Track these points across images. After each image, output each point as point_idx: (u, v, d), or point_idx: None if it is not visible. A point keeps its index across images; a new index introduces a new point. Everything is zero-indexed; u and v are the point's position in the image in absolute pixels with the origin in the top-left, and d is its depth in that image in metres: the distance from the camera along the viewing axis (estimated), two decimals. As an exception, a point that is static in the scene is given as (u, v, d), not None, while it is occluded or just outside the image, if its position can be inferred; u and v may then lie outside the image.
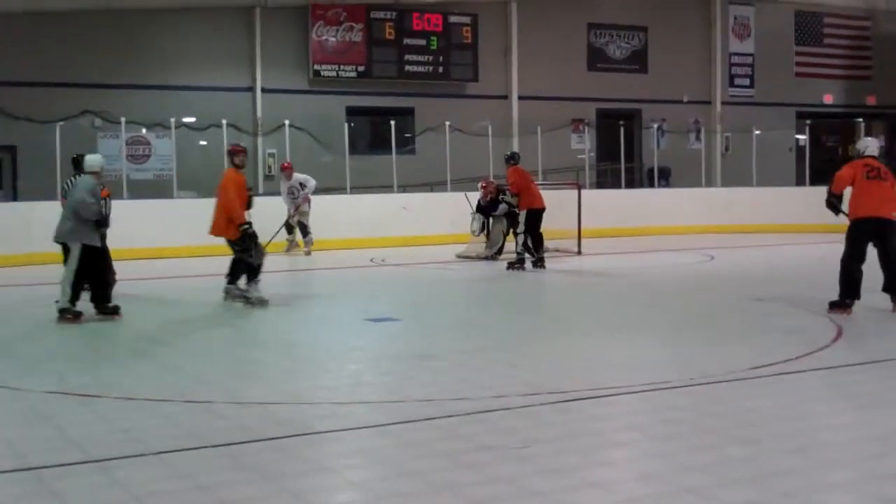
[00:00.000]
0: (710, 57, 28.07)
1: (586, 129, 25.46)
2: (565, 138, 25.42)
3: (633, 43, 27.15)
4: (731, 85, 28.45)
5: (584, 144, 25.16)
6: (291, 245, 18.55)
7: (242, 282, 11.52)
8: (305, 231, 18.42)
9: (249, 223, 11.32)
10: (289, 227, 18.17)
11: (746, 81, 28.63)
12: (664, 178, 25.70)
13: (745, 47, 28.62)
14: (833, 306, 10.11)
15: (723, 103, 28.04)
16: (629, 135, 24.82)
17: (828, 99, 29.77)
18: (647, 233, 22.20)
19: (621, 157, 23.80)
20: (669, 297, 12.62)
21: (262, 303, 11.25)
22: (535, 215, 15.24)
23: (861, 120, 26.08)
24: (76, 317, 10.15)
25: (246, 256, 11.35)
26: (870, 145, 10.59)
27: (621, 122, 24.40)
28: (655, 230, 22.31)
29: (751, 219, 22.79)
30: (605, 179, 25.60)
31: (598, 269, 15.83)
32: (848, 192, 10.28)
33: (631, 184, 25.00)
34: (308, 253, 18.20)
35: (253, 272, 11.37)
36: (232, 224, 11.28)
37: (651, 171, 25.45)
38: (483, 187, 17.03)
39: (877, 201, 10.01)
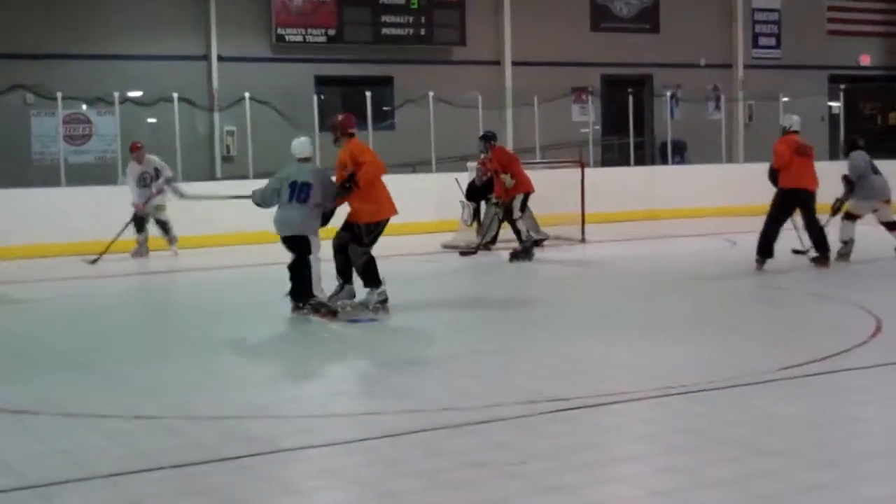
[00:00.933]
0: (730, 14, 28.11)
1: (590, 98, 25.48)
2: (566, 109, 25.44)
3: (642, -1, 27.20)
4: (755, 46, 28.50)
5: (587, 116, 25.17)
6: (141, 248, 16.97)
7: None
8: (166, 228, 17.12)
9: None
10: (139, 224, 16.91)
11: (772, 41, 28.68)
12: (679, 152, 25.73)
13: (771, 3, 28.66)
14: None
15: (745, 67, 28.09)
16: (639, 104, 24.84)
17: (865, 60, 29.83)
18: (660, 216, 22.24)
19: (630, 129, 23.81)
20: (685, 289, 12.67)
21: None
22: (526, 199, 15.39)
23: (903, 83, 26.18)
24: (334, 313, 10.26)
25: None
26: (794, 122, 14.10)
27: (630, 90, 24.38)
28: (669, 213, 22.34)
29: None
30: (612, 156, 25.65)
31: (605, 258, 15.87)
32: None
33: (641, 160, 25.04)
34: (175, 254, 17.05)
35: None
36: None
37: (664, 145, 25.47)
38: (482, 164, 16.96)
39: (804, 176, 13.35)
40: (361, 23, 23.58)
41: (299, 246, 10.38)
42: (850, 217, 14.26)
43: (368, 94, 21.31)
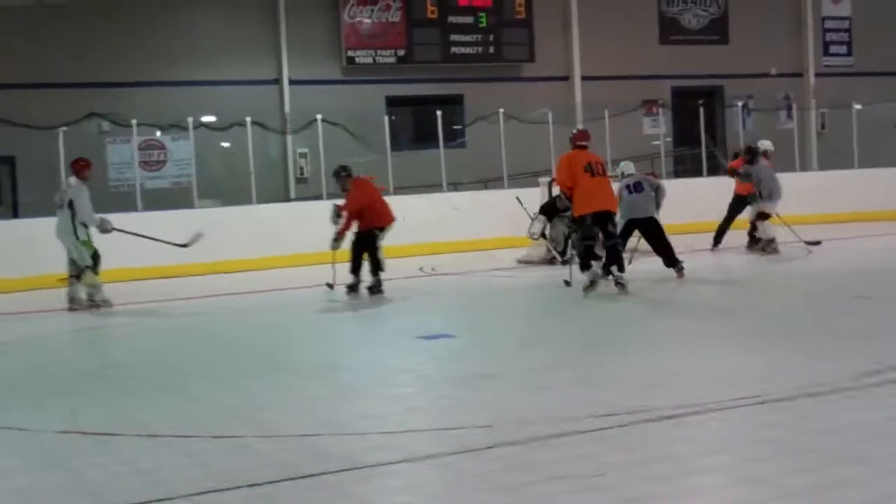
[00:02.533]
0: (800, 22, 27.84)
1: (661, 110, 25.34)
2: (637, 122, 25.31)
3: (711, 10, 27.04)
4: (826, 53, 28.19)
5: (658, 128, 25.03)
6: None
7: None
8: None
9: None
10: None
11: (843, 49, 28.36)
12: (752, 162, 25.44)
13: (841, 10, 28.36)
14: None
15: (817, 75, 27.78)
16: (710, 115, 24.64)
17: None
18: (735, 226, 21.96)
19: (702, 140, 23.64)
20: (761, 298, 12.54)
21: None
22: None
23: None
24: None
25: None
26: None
27: (700, 102, 24.21)
28: (744, 223, 22.05)
29: (855, 206, 22.48)
30: (684, 167, 25.45)
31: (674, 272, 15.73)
32: None
33: (714, 171, 24.78)
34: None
35: None
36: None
37: (737, 155, 25.22)
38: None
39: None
40: (431, 43, 23.67)
41: None
42: (764, 216, 16.92)
43: (439, 112, 21.37)
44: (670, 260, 14.34)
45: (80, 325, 13.21)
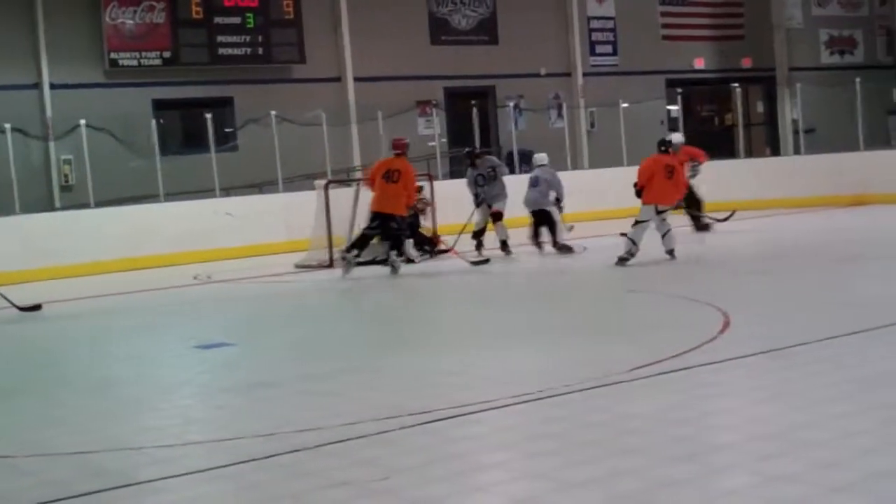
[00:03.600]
0: (567, 23, 28.61)
1: (434, 111, 25.66)
2: (411, 123, 25.54)
3: (480, 11, 27.50)
4: (593, 53, 29.07)
5: (432, 129, 25.34)
6: None
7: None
8: None
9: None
10: None
11: (609, 49, 29.32)
12: (526, 162, 26.04)
13: (606, 10, 29.29)
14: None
15: (584, 74, 28.63)
16: (483, 115, 25.08)
17: (699, 63, 30.71)
18: (511, 224, 22.40)
19: (475, 141, 24.05)
20: (537, 296, 12.86)
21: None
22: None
23: (737, 85, 26.94)
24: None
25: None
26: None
27: (473, 102, 24.65)
28: (522, 221, 22.51)
29: (625, 202, 23.11)
30: (460, 167, 25.83)
31: (461, 268, 15.98)
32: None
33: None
34: None
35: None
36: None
37: (510, 154, 25.77)
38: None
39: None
40: (197, 44, 23.30)
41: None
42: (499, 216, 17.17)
43: (209, 115, 21.08)
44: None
45: None
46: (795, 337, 8.31)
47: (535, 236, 17.14)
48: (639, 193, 14.85)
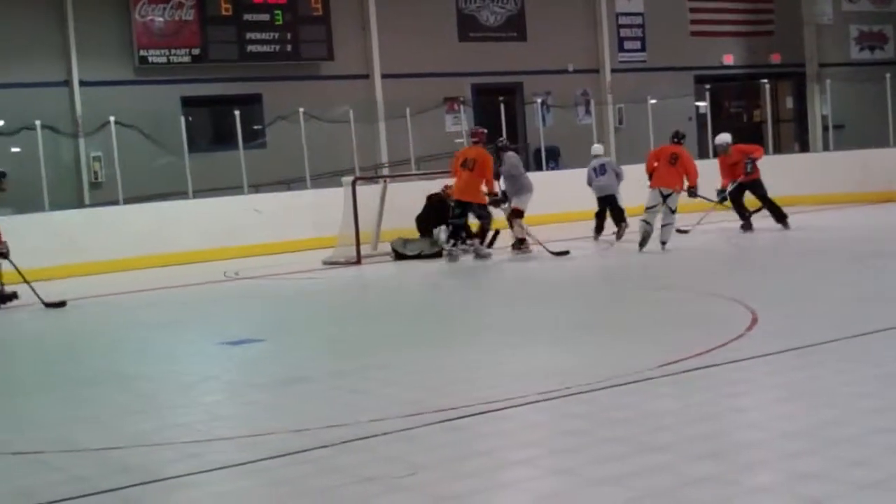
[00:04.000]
0: (595, 19, 28.55)
1: (462, 107, 25.67)
2: (439, 120, 25.59)
3: (508, 7, 27.48)
4: (621, 50, 29.01)
5: (460, 126, 25.36)
6: None
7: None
8: None
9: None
10: None
11: (637, 45, 29.24)
12: (553, 158, 26.06)
13: (634, 6, 29.21)
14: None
15: (613, 71, 28.57)
16: (510, 112, 25.07)
17: (728, 59, 30.58)
18: (542, 221, 22.38)
19: (503, 135, 24.01)
20: (565, 293, 12.84)
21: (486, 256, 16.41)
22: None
23: (766, 81, 26.84)
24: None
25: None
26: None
27: (501, 98, 24.65)
28: (551, 218, 22.51)
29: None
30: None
31: (487, 266, 15.99)
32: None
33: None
34: None
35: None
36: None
37: (538, 151, 25.77)
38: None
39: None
40: (226, 41, 23.37)
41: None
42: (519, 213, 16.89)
43: (237, 112, 21.17)
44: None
45: None
46: (823, 334, 8.29)
47: (599, 229, 18.04)
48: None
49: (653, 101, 25.22)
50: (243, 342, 10.22)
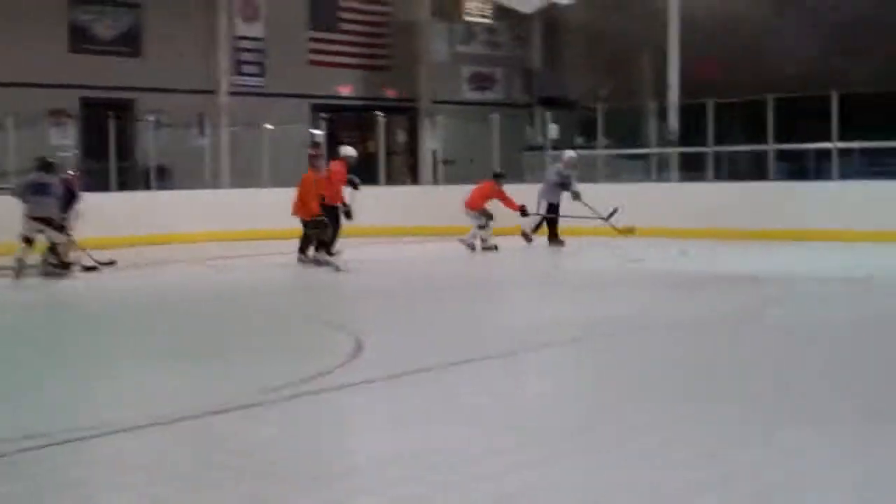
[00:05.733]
0: (213, 41, 28.33)
1: (69, 121, 24.80)
2: (43, 132, 24.55)
3: (124, 22, 26.80)
4: (238, 73, 28.91)
5: (66, 139, 24.50)
6: None
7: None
8: None
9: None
10: None
11: (255, 69, 29.24)
12: (163, 178, 25.62)
13: (254, 31, 29.19)
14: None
15: (229, 94, 28.41)
16: (121, 128, 24.41)
17: (344, 90, 31.16)
18: (152, 241, 21.96)
19: (110, 154, 23.47)
20: (162, 317, 12.53)
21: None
22: None
23: (381, 114, 27.54)
24: None
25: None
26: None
27: (111, 114, 24.01)
28: (158, 238, 22.13)
29: (264, 223, 23.07)
30: (95, 180, 25.03)
31: (89, 288, 15.50)
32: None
33: (124, 186, 24.69)
34: None
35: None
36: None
37: (148, 170, 25.27)
38: None
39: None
40: None
41: None
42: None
43: None
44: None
45: None
46: (420, 362, 8.60)
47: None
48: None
49: (269, 127, 25.31)
50: None
